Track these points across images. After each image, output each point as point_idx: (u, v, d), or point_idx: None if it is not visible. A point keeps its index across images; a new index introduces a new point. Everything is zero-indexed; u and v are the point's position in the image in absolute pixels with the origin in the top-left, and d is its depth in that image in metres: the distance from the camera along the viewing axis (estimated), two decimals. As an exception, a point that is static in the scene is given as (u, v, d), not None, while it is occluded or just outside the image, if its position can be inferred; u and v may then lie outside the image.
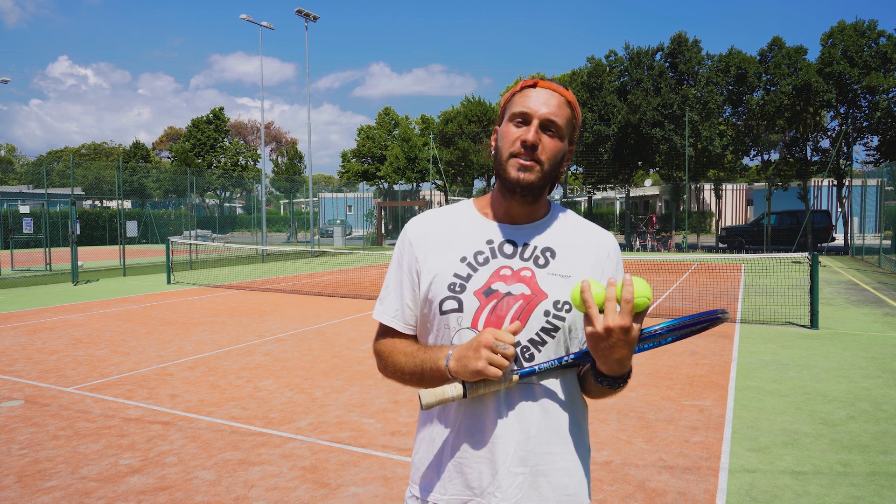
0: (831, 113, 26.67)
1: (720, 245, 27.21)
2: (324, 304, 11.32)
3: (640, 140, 28.93)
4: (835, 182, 26.75)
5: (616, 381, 1.23)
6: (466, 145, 35.80)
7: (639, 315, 1.14)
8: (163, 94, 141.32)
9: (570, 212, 1.45)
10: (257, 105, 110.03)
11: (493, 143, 1.39)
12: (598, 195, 39.18)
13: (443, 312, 1.32)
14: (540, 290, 1.30)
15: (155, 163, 54.70)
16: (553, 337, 1.30)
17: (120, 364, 6.69)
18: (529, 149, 1.29)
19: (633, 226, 31.58)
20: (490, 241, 1.36)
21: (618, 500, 3.47)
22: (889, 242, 19.21)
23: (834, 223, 26.81)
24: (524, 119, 1.31)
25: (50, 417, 4.93)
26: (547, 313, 1.29)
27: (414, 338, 1.44)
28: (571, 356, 1.27)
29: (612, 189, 33.08)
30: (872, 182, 23.84)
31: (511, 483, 1.27)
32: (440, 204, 35.98)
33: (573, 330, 1.32)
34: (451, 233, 1.39)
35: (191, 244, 20.37)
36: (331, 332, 8.57)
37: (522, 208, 1.36)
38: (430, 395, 1.22)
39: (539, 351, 1.29)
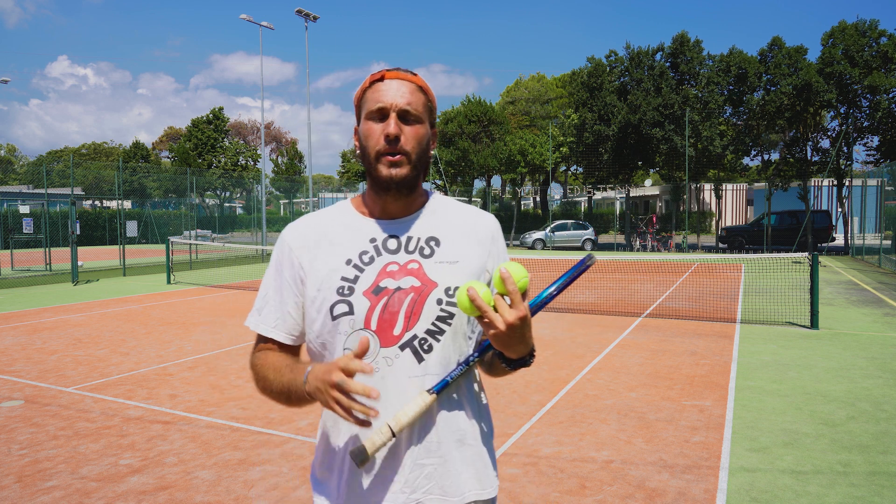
0: (831, 113, 26.66)
1: (720, 245, 27.22)
2: (324, 304, 11.31)
3: (640, 140, 28.92)
4: (835, 182, 26.74)
5: (525, 360, 1.25)
6: (466, 145, 35.82)
7: (523, 296, 1.17)
8: (163, 94, 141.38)
9: (447, 198, 1.45)
10: (258, 105, 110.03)
11: (356, 144, 1.37)
12: (598, 195, 39.22)
13: (334, 318, 1.29)
14: (429, 280, 1.30)
15: (155, 162, 54.68)
16: (449, 324, 1.29)
17: (120, 364, 6.69)
18: (393, 142, 1.28)
19: (633, 226, 31.57)
20: (373, 240, 1.34)
21: (618, 500, 3.47)
22: (889, 242, 19.21)
23: (834, 223, 26.82)
24: (381, 114, 1.30)
25: (50, 417, 4.93)
26: (440, 301, 1.28)
27: (295, 350, 1.40)
28: (475, 355, 1.28)
29: (612, 189, 33.08)
30: (872, 182, 23.83)
31: (420, 473, 1.27)
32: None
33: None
34: (332, 235, 1.36)
35: (191, 244, 20.36)
36: (331, 332, 8.56)
37: (398, 202, 1.35)
38: (363, 451, 1.18)
39: (438, 341, 1.28)
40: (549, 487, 3.63)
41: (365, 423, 1.13)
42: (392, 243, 1.34)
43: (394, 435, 1.20)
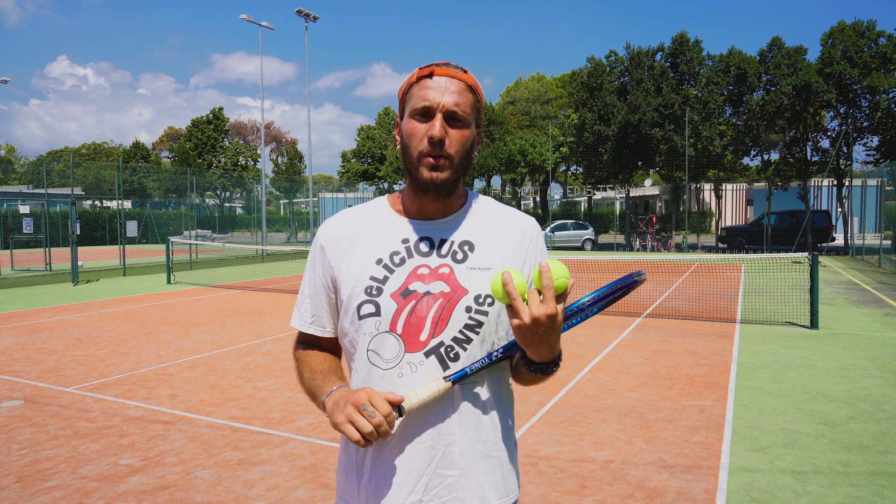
0: (831, 113, 26.67)
1: (720, 245, 27.21)
2: (324, 304, 11.30)
3: (640, 140, 28.92)
4: (835, 182, 26.75)
5: (548, 365, 1.21)
6: (466, 145, 35.75)
7: (561, 296, 1.13)
8: (163, 94, 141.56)
9: (489, 200, 1.41)
10: (258, 105, 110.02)
11: (397, 139, 1.33)
12: (598, 195, 39.19)
13: (361, 317, 1.27)
14: (460, 287, 1.26)
15: (155, 162, 54.67)
16: (477, 333, 1.26)
17: (120, 364, 6.69)
18: (437, 145, 1.23)
19: (633, 226, 31.57)
20: (406, 241, 1.31)
21: (618, 499, 3.47)
22: (889, 242, 19.20)
23: (834, 223, 26.82)
24: (426, 112, 1.25)
25: (50, 417, 4.93)
26: (469, 309, 1.25)
27: (334, 341, 1.41)
28: (500, 350, 1.24)
29: (612, 189, 33.08)
30: (872, 182, 23.84)
31: (439, 484, 1.24)
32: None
33: (498, 323, 1.28)
34: (365, 234, 1.34)
35: (191, 244, 20.37)
36: (331, 332, 8.55)
37: (436, 204, 1.31)
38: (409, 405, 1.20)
39: (464, 349, 1.25)
40: (549, 487, 3.63)
41: (368, 444, 1.14)
42: (424, 245, 1.31)
43: (401, 414, 1.18)
